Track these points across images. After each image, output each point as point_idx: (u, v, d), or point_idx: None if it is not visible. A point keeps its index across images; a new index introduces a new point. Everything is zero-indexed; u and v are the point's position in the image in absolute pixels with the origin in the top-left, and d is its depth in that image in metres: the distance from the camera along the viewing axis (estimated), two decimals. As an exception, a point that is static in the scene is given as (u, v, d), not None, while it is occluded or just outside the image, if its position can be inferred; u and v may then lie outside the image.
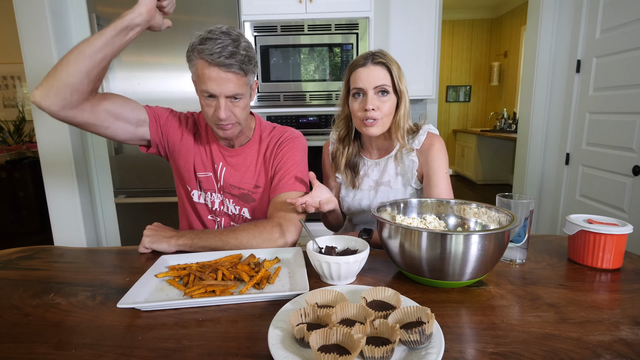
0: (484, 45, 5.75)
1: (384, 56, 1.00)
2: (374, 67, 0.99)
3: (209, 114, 0.95)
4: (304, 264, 0.78)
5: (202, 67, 0.90)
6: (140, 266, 0.84)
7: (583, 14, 2.09)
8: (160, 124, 1.04)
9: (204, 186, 1.08)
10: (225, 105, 0.92)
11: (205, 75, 0.89)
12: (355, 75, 1.01)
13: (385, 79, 0.99)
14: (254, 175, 1.07)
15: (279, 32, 2.02)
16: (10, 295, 0.71)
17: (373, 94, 0.99)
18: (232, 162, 1.07)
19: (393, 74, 0.99)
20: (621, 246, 0.78)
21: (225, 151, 1.07)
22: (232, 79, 0.90)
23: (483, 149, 5.10)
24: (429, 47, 2.37)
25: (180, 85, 2.00)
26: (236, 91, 0.92)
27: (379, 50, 1.03)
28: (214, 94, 0.91)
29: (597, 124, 2.02)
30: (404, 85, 1.02)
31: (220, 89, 0.90)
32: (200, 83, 0.91)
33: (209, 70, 0.89)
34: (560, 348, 0.52)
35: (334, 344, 0.49)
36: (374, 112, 0.99)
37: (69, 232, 2.28)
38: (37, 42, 2.06)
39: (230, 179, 1.07)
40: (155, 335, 0.57)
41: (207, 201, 1.09)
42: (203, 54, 0.88)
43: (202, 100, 0.94)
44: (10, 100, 4.04)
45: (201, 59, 0.89)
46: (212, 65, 0.88)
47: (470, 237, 0.66)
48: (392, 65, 1.00)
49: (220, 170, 1.07)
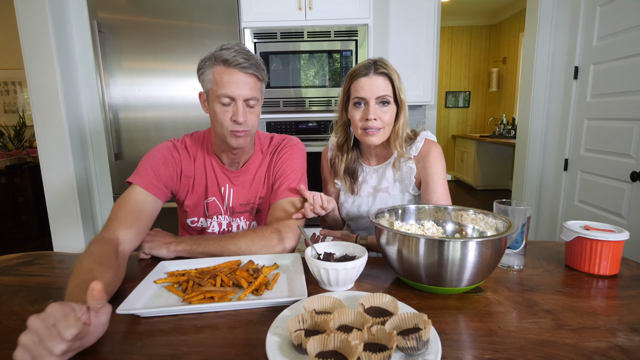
0: (482, 52, 5.79)
1: (385, 66, 1.01)
2: (377, 77, 1.00)
3: (224, 121, 0.94)
4: (302, 270, 0.79)
5: (220, 71, 0.92)
6: (139, 272, 0.84)
7: (580, 21, 2.11)
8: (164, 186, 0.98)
9: (210, 211, 1.07)
10: (243, 109, 0.94)
11: (224, 78, 0.91)
12: (357, 84, 1.01)
13: (387, 89, 1.00)
14: (258, 189, 1.08)
15: (279, 38, 2.04)
16: (10, 301, 0.71)
17: (374, 104, 1.00)
18: (238, 181, 1.07)
19: (395, 84, 1.01)
20: (618, 252, 0.79)
21: (230, 173, 1.06)
22: (249, 82, 0.93)
23: (482, 155, 5.11)
24: (427, 53, 2.39)
25: (181, 90, 2.01)
26: (253, 94, 0.94)
27: (380, 59, 1.03)
28: (232, 97, 0.92)
29: (595, 130, 2.03)
30: (404, 95, 1.03)
31: (239, 90, 0.92)
32: (219, 88, 0.92)
33: (229, 72, 0.91)
34: (556, 354, 0.53)
35: (331, 351, 0.50)
36: (375, 122, 1.00)
37: (68, 237, 2.28)
38: (39, 48, 2.08)
39: (239, 199, 1.07)
40: (153, 342, 0.57)
41: (213, 225, 1.08)
42: (221, 58, 0.91)
43: (218, 108, 0.94)
44: (11, 105, 4.06)
45: (219, 65, 0.92)
46: (231, 67, 0.91)
47: (467, 244, 0.66)
48: (394, 75, 1.01)
49: (227, 192, 1.07)
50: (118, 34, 1.96)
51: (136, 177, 0.94)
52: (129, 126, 2.06)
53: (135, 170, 0.96)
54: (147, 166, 0.96)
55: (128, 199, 0.91)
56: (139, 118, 2.05)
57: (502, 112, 5.41)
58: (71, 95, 2.23)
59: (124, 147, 2.07)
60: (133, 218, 0.88)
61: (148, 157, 0.99)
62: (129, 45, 1.98)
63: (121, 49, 1.98)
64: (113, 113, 2.03)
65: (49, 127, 2.17)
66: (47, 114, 2.15)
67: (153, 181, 0.95)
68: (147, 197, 0.93)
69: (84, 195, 2.32)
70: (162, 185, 0.97)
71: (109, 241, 0.80)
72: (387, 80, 1.00)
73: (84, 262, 0.70)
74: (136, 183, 0.93)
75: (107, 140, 2.04)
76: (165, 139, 1.08)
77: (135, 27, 1.96)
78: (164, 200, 0.99)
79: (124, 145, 2.07)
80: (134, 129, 2.06)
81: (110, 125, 2.02)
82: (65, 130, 2.18)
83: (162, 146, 1.03)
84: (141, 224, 0.89)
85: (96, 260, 0.71)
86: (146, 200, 0.92)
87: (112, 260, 0.74)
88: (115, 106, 2.03)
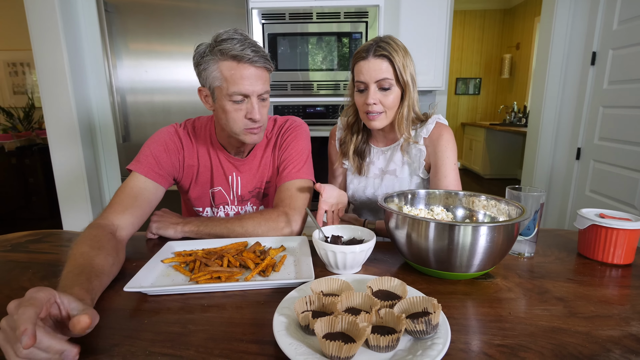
0: (495, 37, 5.63)
1: (386, 46, 0.94)
2: (375, 60, 0.94)
3: (237, 120, 0.89)
4: (309, 253, 0.78)
5: (229, 67, 0.85)
6: (147, 252, 0.84)
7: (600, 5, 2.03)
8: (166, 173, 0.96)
9: (217, 201, 1.06)
10: (257, 105, 0.89)
11: (235, 75, 0.85)
12: (357, 68, 0.98)
13: (387, 72, 0.95)
14: (265, 173, 1.07)
15: (287, 19, 2.00)
16: (20, 277, 0.72)
17: (375, 88, 0.96)
18: (245, 169, 1.05)
19: (396, 65, 0.94)
20: (633, 241, 0.76)
21: (236, 162, 1.03)
22: (262, 76, 0.88)
23: (491, 143, 5.04)
24: (439, 37, 2.32)
25: (187, 73, 2.00)
26: (266, 88, 0.90)
27: (382, 38, 0.97)
28: (246, 94, 0.87)
29: (610, 118, 1.98)
30: (409, 75, 0.97)
31: (253, 87, 0.86)
32: (230, 85, 0.85)
33: (240, 68, 0.84)
34: (568, 342, 0.52)
35: (339, 332, 0.49)
36: (375, 106, 0.97)
37: (77, 219, 2.31)
38: (46, 28, 2.07)
39: (247, 186, 1.06)
40: (161, 319, 0.57)
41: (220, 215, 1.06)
42: (230, 54, 0.83)
43: (229, 107, 0.88)
44: (20, 87, 4.07)
45: (227, 60, 0.84)
46: (242, 62, 0.84)
47: (478, 229, 0.65)
48: (395, 56, 0.94)
49: (235, 181, 1.05)
50: (125, 14, 1.94)
51: (136, 164, 0.92)
52: (136, 109, 2.05)
53: (136, 157, 0.94)
54: (148, 153, 0.94)
55: (125, 186, 0.89)
56: (147, 101, 2.04)
57: (513, 100, 5.30)
58: (79, 77, 2.23)
59: (131, 129, 2.07)
60: (127, 203, 0.86)
61: (149, 144, 0.96)
62: (135, 26, 1.95)
63: (128, 30, 1.95)
64: (120, 96, 2.02)
65: (57, 109, 2.17)
66: (56, 96, 2.15)
67: (154, 168, 0.93)
68: (146, 184, 0.90)
69: (93, 178, 2.34)
70: (164, 172, 0.95)
71: (102, 226, 0.78)
72: (386, 62, 0.94)
73: (76, 247, 0.68)
74: (136, 170, 0.91)
75: (115, 123, 2.04)
76: (172, 122, 1.05)
77: (141, 7, 1.93)
78: (167, 186, 0.97)
79: (132, 128, 2.07)
80: (141, 112, 2.05)
81: (118, 108, 2.01)
82: (74, 112, 2.18)
83: (163, 131, 0.99)
84: (137, 209, 0.86)
85: (88, 244, 0.69)
86: (144, 187, 0.90)
87: (104, 244, 0.72)
88: (123, 89, 2.02)
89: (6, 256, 0.83)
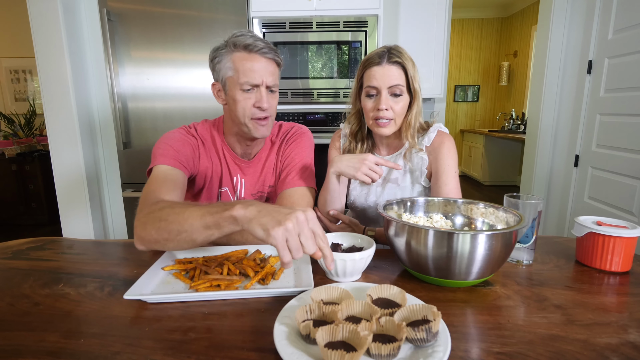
0: (493, 45, 5.69)
1: (400, 54, 0.98)
2: (390, 66, 0.97)
3: (246, 108, 0.93)
4: (309, 261, 0.78)
5: (241, 57, 0.91)
6: (147, 259, 0.85)
7: (595, 14, 2.06)
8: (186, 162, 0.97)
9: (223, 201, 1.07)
10: (266, 94, 0.93)
11: (246, 64, 0.91)
12: (369, 73, 0.99)
13: (400, 78, 0.98)
14: (268, 177, 1.08)
15: (288, 28, 2.02)
16: (21, 284, 0.72)
17: (387, 94, 0.98)
18: (249, 171, 1.06)
19: (408, 73, 0.98)
20: (631, 249, 0.77)
21: (242, 163, 1.06)
22: (271, 67, 0.93)
23: (490, 150, 5.06)
24: (438, 45, 2.35)
25: (189, 81, 2.01)
26: (275, 81, 0.95)
27: (395, 47, 1.00)
28: (256, 84, 0.92)
29: (607, 126, 1.99)
30: (418, 84, 1.00)
31: (262, 77, 0.92)
32: (240, 75, 0.91)
33: (251, 57, 0.91)
34: (567, 350, 0.52)
35: (340, 341, 0.50)
36: (386, 112, 0.98)
37: (77, 225, 2.31)
38: (49, 36, 2.09)
39: (250, 189, 1.07)
40: (161, 327, 0.58)
41: None
42: (242, 44, 0.90)
43: (239, 95, 0.93)
44: (22, 93, 4.09)
45: (239, 51, 0.91)
46: (252, 52, 0.91)
47: (477, 237, 0.65)
48: (408, 64, 0.98)
49: (239, 182, 1.06)
50: (127, 23, 1.96)
51: (156, 160, 0.91)
52: (137, 116, 2.06)
53: (153, 157, 0.93)
54: (166, 146, 0.93)
55: (156, 177, 0.87)
56: (148, 108, 2.05)
57: (511, 107, 5.34)
58: (81, 84, 2.24)
59: (132, 136, 2.08)
60: (170, 186, 0.86)
61: (164, 139, 0.96)
62: (138, 34, 1.98)
63: (130, 38, 1.98)
64: (122, 102, 2.03)
65: (59, 115, 2.18)
66: (57, 102, 2.17)
67: (175, 156, 0.92)
68: (173, 171, 0.90)
69: (93, 184, 2.34)
70: (185, 161, 0.94)
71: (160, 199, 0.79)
72: (400, 69, 0.98)
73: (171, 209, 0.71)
74: (158, 163, 0.90)
75: (116, 129, 2.05)
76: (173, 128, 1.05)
77: (144, 16, 1.96)
78: (188, 175, 0.96)
79: (133, 135, 2.08)
80: (142, 118, 2.07)
81: (119, 115, 2.02)
82: (75, 118, 2.19)
83: (175, 131, 1.00)
84: (179, 191, 0.87)
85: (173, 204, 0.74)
86: (174, 173, 0.90)
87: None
88: (124, 95, 2.04)
89: (7, 263, 0.83)
